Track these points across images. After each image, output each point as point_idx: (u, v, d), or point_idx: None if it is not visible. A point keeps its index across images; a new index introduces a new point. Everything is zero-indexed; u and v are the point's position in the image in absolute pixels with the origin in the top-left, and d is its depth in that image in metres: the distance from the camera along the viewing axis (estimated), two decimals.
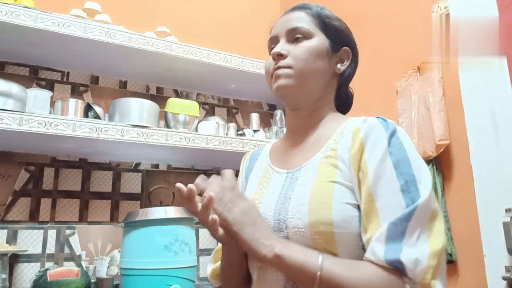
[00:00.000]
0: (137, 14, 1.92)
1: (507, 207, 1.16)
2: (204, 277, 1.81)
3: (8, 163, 1.56)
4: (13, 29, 1.38)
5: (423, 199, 0.62)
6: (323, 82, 0.78)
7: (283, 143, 0.86)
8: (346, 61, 0.81)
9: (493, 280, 1.16)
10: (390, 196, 0.63)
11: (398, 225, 0.60)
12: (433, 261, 0.59)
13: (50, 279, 1.29)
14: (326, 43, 0.78)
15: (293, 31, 0.78)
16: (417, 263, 0.58)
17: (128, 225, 1.37)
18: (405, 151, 0.66)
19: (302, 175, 0.73)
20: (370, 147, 0.67)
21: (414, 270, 0.58)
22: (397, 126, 0.70)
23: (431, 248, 0.60)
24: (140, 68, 1.74)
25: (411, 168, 0.64)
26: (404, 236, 0.60)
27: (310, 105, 0.79)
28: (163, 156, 1.73)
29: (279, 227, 0.69)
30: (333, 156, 0.71)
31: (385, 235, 0.61)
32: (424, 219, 0.61)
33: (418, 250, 0.59)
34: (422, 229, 0.60)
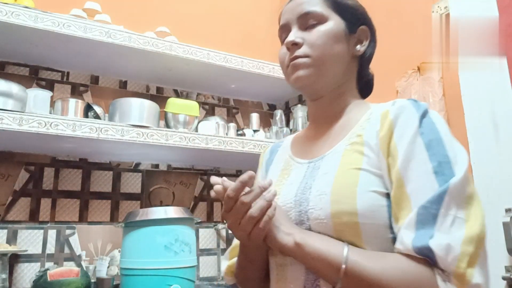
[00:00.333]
0: (137, 14, 1.92)
1: (507, 207, 1.16)
2: (204, 277, 1.81)
3: (8, 163, 1.56)
4: (13, 29, 1.38)
5: (456, 179, 0.55)
6: (343, 67, 0.73)
7: (305, 133, 0.82)
8: (365, 41, 0.76)
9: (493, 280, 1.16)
10: (421, 178, 0.57)
11: (429, 209, 0.55)
12: (469, 247, 0.52)
13: (50, 279, 1.29)
14: (342, 25, 0.73)
15: (305, 16, 0.72)
16: (449, 249, 0.52)
17: (128, 225, 1.37)
18: (438, 131, 0.60)
19: (324, 163, 0.69)
20: (400, 129, 0.61)
21: (446, 257, 0.52)
22: (430, 108, 0.64)
23: (467, 233, 0.53)
24: (140, 68, 1.74)
25: (445, 149, 0.58)
26: (436, 221, 0.54)
27: (332, 93, 0.75)
28: (163, 156, 1.73)
29: (301, 219, 0.65)
30: (358, 142, 0.66)
31: (415, 221, 0.55)
32: (459, 201, 0.55)
33: (451, 236, 0.53)
34: (457, 212, 0.54)
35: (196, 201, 1.90)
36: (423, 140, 0.59)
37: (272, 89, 1.97)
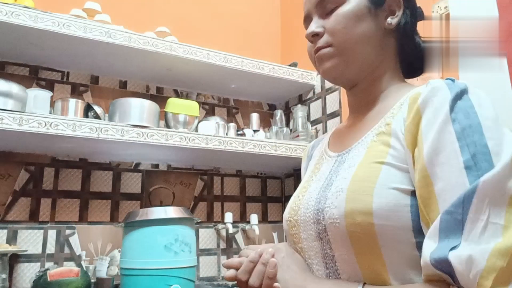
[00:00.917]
0: (137, 14, 1.92)
1: None
2: (204, 277, 1.81)
3: (8, 163, 1.56)
4: (13, 29, 1.38)
5: (491, 174, 0.44)
6: (375, 46, 0.66)
7: (344, 124, 0.75)
8: (397, 11, 0.67)
9: None
10: (450, 175, 0.47)
11: (454, 214, 0.45)
12: (499, 260, 0.41)
13: (50, 279, 1.29)
14: (363, 0, 0.65)
15: (322, 2, 0.66)
16: (471, 263, 0.42)
17: (128, 225, 1.37)
18: (476, 116, 0.49)
19: (350, 157, 0.62)
20: (429, 114, 0.52)
21: (467, 273, 0.42)
22: (472, 87, 0.54)
23: (501, 243, 0.42)
24: (140, 68, 1.74)
25: (483, 137, 0.47)
26: (463, 228, 0.44)
27: (367, 78, 0.67)
28: (163, 156, 1.73)
29: (317, 219, 0.60)
30: (386, 132, 0.58)
31: (438, 229, 0.46)
32: (496, 202, 0.43)
33: (478, 246, 0.42)
34: (490, 216, 0.43)
35: (196, 201, 1.90)
36: (455, 128, 0.49)
37: (272, 89, 1.97)
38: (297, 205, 0.68)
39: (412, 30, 0.70)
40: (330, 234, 0.58)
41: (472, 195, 0.44)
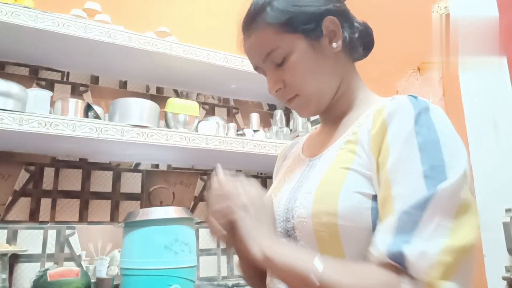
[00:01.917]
0: (137, 14, 1.92)
1: (507, 207, 1.16)
2: (204, 277, 1.81)
3: (8, 163, 1.56)
4: (13, 29, 1.38)
5: (447, 184, 0.50)
6: (332, 73, 0.69)
7: (317, 131, 0.79)
8: (337, 31, 0.68)
9: (493, 280, 1.16)
10: (409, 181, 0.53)
11: (411, 215, 0.50)
12: (448, 257, 0.48)
13: (50, 279, 1.29)
14: (305, 43, 0.66)
15: (267, 57, 0.68)
16: (423, 256, 0.48)
17: (128, 225, 1.37)
18: (435, 131, 0.55)
19: (321, 163, 0.66)
20: (394, 127, 0.57)
21: (418, 265, 0.48)
22: (432, 105, 0.59)
23: (449, 242, 0.48)
24: (140, 68, 1.74)
25: (441, 152, 0.53)
26: (417, 227, 0.50)
27: (334, 97, 0.71)
28: (163, 156, 1.73)
29: (287, 217, 0.64)
30: (353, 141, 0.63)
31: (395, 226, 0.51)
32: (447, 208, 0.50)
33: (429, 243, 0.48)
34: (442, 220, 0.49)
35: (196, 201, 1.90)
36: (417, 140, 0.54)
37: None
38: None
39: (355, 42, 0.72)
40: (297, 232, 0.62)
41: (429, 200, 0.50)
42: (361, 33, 0.73)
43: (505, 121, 1.20)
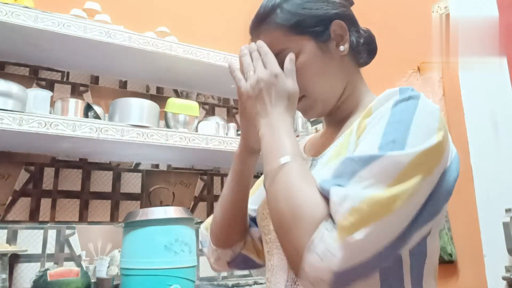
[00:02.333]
0: (137, 14, 1.92)
1: (507, 207, 1.16)
2: (204, 277, 1.81)
3: (8, 163, 1.56)
4: (13, 29, 1.38)
5: (397, 153, 0.50)
6: (338, 75, 0.70)
7: (322, 131, 0.80)
8: (344, 35, 0.69)
9: (493, 280, 1.16)
10: (365, 144, 0.54)
11: (354, 163, 0.51)
12: (368, 207, 0.47)
13: (50, 279, 1.29)
14: (313, 45, 0.68)
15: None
16: (345, 199, 0.48)
17: (128, 225, 1.37)
18: (412, 116, 0.54)
19: (322, 161, 0.68)
20: (377, 112, 0.58)
21: (338, 205, 0.48)
22: (424, 97, 0.58)
23: (376, 195, 0.48)
24: (140, 68, 1.74)
25: (408, 132, 0.52)
26: (353, 176, 0.50)
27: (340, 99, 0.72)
28: (163, 156, 1.73)
29: None
30: (349, 133, 0.64)
31: (335, 167, 0.53)
32: (387, 173, 0.49)
33: (356, 192, 0.48)
34: (377, 183, 0.49)
35: (196, 201, 1.90)
36: (389, 119, 0.55)
37: None
38: None
39: (361, 47, 0.73)
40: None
41: (375, 159, 0.50)
42: (366, 39, 0.74)
43: (505, 121, 1.20)
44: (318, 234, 0.49)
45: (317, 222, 0.49)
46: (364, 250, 0.47)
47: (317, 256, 0.48)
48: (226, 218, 0.76)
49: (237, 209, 0.76)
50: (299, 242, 0.50)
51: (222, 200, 0.78)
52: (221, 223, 0.77)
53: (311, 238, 0.49)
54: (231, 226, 0.77)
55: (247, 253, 0.81)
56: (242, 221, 0.78)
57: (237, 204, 0.76)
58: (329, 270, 0.47)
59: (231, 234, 0.77)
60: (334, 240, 0.47)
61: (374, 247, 0.47)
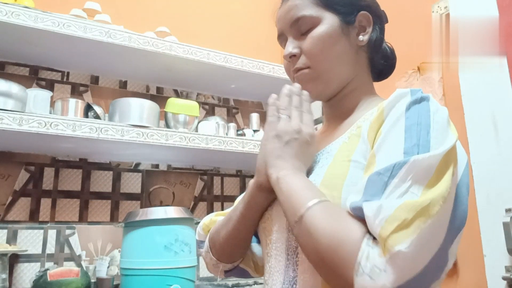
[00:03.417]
0: (137, 14, 1.92)
1: (507, 207, 1.16)
2: (204, 277, 1.81)
3: (8, 163, 1.56)
4: (13, 29, 1.38)
5: (423, 156, 0.49)
6: (349, 64, 0.70)
7: (322, 128, 0.79)
8: (368, 27, 0.70)
9: (493, 280, 1.16)
10: (388, 152, 0.52)
11: (381, 176, 0.49)
12: (404, 213, 0.45)
13: (50, 279, 1.29)
14: (336, 21, 0.68)
15: (296, 23, 0.69)
16: (380, 211, 0.46)
17: (128, 225, 1.37)
18: (428, 117, 0.53)
19: (324, 157, 0.66)
20: (390, 116, 0.56)
21: (374, 219, 0.47)
22: (432, 98, 0.58)
23: (409, 200, 0.46)
24: (140, 68, 1.74)
25: (429, 135, 0.51)
26: (385, 189, 0.48)
27: (343, 91, 0.71)
28: (163, 156, 1.73)
29: None
30: (356, 134, 0.63)
31: (364, 186, 0.51)
32: (418, 178, 0.48)
33: (388, 200, 0.47)
34: (411, 187, 0.47)
35: (196, 201, 1.90)
36: (406, 123, 0.54)
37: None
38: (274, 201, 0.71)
39: (381, 42, 0.74)
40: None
41: (402, 166, 0.49)
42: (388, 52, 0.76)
43: (505, 121, 1.20)
44: (363, 254, 0.47)
45: (358, 243, 0.48)
46: (414, 259, 0.44)
47: (367, 277, 0.45)
48: (231, 240, 0.75)
49: (243, 235, 0.74)
50: (346, 270, 0.47)
51: (228, 223, 0.75)
52: (225, 243, 0.75)
53: (357, 261, 0.47)
54: (235, 247, 0.76)
55: (244, 266, 0.81)
56: (246, 244, 0.77)
57: (245, 231, 0.73)
58: (382, 286, 0.44)
59: (233, 254, 0.77)
60: (379, 255, 0.45)
61: (423, 255, 0.45)
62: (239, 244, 0.75)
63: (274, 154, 0.63)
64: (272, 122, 0.66)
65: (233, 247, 0.76)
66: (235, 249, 0.76)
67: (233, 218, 0.74)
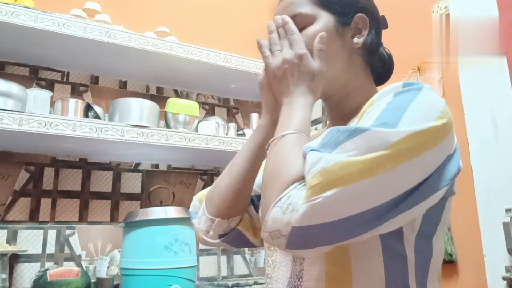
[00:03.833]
0: (137, 14, 1.92)
1: (507, 207, 1.16)
2: (204, 277, 1.81)
3: (8, 163, 1.56)
4: (13, 29, 1.38)
5: (383, 129, 0.49)
6: (343, 65, 0.69)
7: (325, 128, 0.79)
8: (363, 30, 0.69)
9: (493, 280, 1.16)
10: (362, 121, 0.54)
11: (339, 134, 0.50)
12: (342, 170, 0.46)
13: (50, 279, 1.29)
14: (331, 21, 0.68)
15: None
16: (319, 161, 0.47)
17: (128, 225, 1.37)
18: (410, 102, 0.53)
19: None
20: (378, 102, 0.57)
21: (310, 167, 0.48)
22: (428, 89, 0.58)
23: (352, 160, 0.47)
24: (140, 68, 1.74)
25: (402, 116, 0.51)
26: (336, 147, 0.49)
27: (339, 92, 0.71)
28: (163, 156, 1.73)
29: None
30: None
31: (322, 137, 0.52)
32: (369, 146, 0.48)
33: (331, 155, 0.48)
34: (359, 153, 0.48)
35: None
36: (387, 105, 0.54)
37: None
38: None
39: (377, 46, 0.73)
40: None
41: (361, 132, 0.49)
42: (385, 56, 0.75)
43: (505, 121, 1.20)
44: (288, 192, 0.49)
45: (290, 182, 0.51)
46: (328, 211, 0.46)
47: (280, 210, 0.48)
48: (233, 187, 0.73)
49: (246, 180, 0.74)
50: (271, 198, 0.51)
51: (232, 169, 0.75)
52: (225, 192, 0.74)
53: (281, 195, 0.50)
54: (236, 196, 0.73)
55: (242, 229, 0.77)
56: (247, 194, 0.76)
57: (248, 175, 0.73)
58: (288, 223, 0.47)
59: (233, 204, 0.74)
60: (300, 197, 0.47)
61: (339, 212, 0.46)
62: (242, 190, 0.73)
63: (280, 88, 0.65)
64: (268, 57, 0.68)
65: (236, 194, 0.73)
66: (238, 196, 0.73)
67: (237, 161, 0.75)
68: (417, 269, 0.59)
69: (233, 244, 0.77)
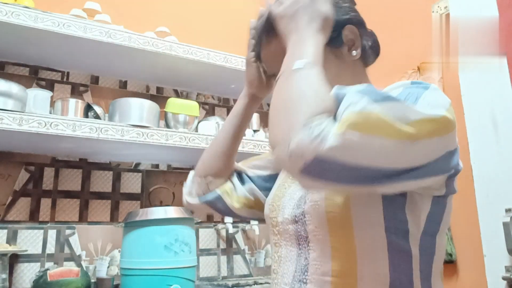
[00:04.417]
0: (137, 14, 1.92)
1: (507, 207, 1.16)
2: (204, 277, 1.81)
3: (8, 163, 1.56)
4: (13, 29, 1.38)
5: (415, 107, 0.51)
6: (351, 78, 0.70)
7: None
8: (356, 40, 0.70)
9: (493, 280, 1.17)
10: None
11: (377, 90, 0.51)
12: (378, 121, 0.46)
13: (50, 279, 1.29)
14: (328, 50, 0.67)
15: None
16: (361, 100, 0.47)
17: (128, 225, 1.37)
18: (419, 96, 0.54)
19: None
20: None
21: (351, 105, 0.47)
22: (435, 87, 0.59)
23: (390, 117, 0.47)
24: (140, 68, 1.74)
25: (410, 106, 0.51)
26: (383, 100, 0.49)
27: None
28: (163, 156, 1.73)
29: (299, 204, 0.65)
30: None
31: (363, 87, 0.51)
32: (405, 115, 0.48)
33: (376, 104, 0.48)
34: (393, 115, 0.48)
35: None
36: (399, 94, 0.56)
37: None
38: (282, 192, 0.73)
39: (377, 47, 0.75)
40: (307, 217, 0.63)
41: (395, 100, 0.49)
42: (372, 42, 0.75)
43: (505, 121, 1.20)
44: (321, 120, 0.47)
45: (324, 109, 0.49)
46: (354, 152, 0.45)
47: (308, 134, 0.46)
48: (216, 148, 0.86)
49: (229, 144, 0.85)
50: (299, 118, 0.48)
51: (219, 134, 0.89)
52: (209, 151, 0.87)
53: (313, 118, 0.48)
54: (218, 158, 0.86)
55: (221, 193, 0.86)
56: (229, 158, 0.86)
57: (229, 140, 0.85)
58: (314, 150, 0.45)
59: (214, 164, 0.86)
60: (333, 128, 0.46)
61: (363, 156, 0.46)
62: (223, 154, 0.85)
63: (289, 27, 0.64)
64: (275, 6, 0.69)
65: (217, 157, 0.86)
66: (218, 159, 0.86)
67: (224, 128, 0.88)
68: (422, 265, 0.60)
69: (214, 207, 0.88)
